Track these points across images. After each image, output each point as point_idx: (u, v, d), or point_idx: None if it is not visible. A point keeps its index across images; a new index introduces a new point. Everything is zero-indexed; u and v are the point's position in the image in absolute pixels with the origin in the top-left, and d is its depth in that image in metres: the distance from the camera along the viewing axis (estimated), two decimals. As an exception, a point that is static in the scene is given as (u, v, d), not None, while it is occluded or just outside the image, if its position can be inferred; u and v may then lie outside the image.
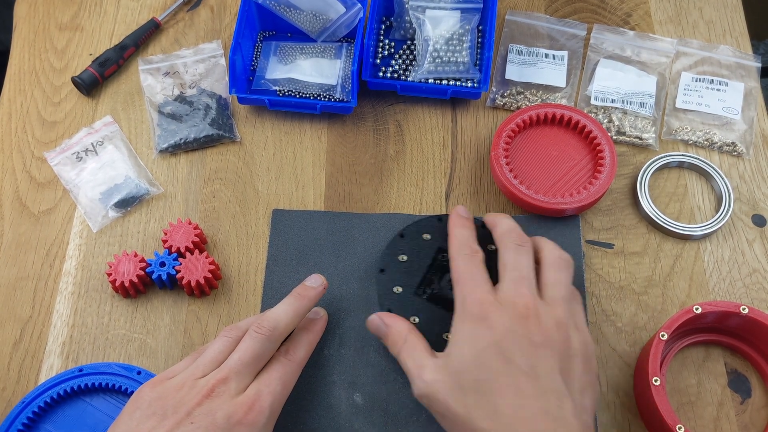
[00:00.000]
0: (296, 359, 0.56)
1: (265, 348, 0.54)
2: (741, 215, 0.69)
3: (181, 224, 0.66)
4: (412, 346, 0.54)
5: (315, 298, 0.59)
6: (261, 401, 0.51)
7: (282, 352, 0.56)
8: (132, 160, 0.73)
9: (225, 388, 0.51)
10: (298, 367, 0.56)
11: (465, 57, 0.74)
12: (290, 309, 0.57)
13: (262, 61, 0.77)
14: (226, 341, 0.55)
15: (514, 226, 0.58)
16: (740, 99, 0.74)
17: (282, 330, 0.55)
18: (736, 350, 0.62)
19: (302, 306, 0.58)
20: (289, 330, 0.56)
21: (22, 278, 0.67)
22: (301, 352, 0.57)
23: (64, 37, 0.81)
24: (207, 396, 0.50)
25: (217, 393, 0.50)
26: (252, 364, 0.53)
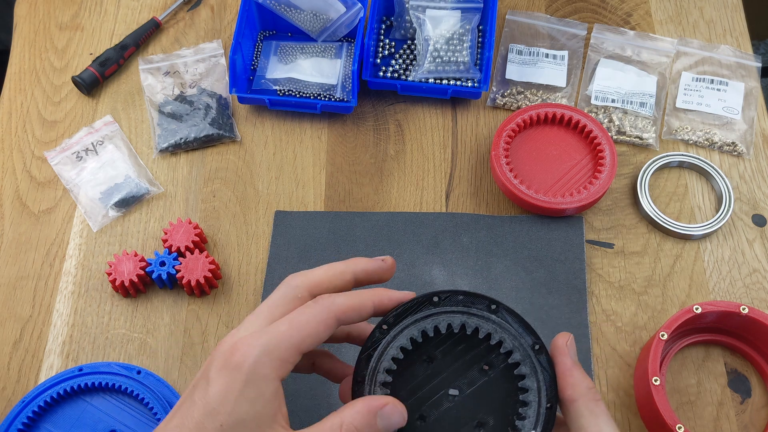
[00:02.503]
0: (323, 301, 0.44)
1: (281, 294, 0.45)
2: (741, 215, 0.69)
3: (181, 224, 0.66)
4: None
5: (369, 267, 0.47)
6: (252, 339, 0.42)
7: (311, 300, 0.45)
8: (132, 159, 0.73)
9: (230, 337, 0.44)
10: (324, 309, 0.43)
11: (465, 57, 0.74)
12: (326, 265, 0.47)
13: (262, 60, 0.77)
14: None
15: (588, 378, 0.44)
16: (740, 99, 0.74)
17: (303, 278, 0.45)
18: (736, 350, 0.62)
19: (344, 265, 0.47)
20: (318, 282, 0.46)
21: (22, 278, 0.67)
22: (336, 297, 0.44)
23: (65, 36, 0.81)
24: (212, 354, 0.44)
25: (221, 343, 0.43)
26: (266, 310, 0.44)
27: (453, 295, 0.44)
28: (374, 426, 0.42)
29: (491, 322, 0.44)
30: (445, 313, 0.44)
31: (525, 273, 0.65)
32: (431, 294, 0.45)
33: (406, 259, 0.66)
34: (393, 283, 0.65)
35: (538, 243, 0.67)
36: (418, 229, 0.68)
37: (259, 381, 0.41)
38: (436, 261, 0.66)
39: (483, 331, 0.43)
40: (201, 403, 0.41)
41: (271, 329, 0.42)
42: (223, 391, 0.41)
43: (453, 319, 0.44)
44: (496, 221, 0.68)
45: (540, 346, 0.43)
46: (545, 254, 0.66)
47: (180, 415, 0.42)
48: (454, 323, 0.44)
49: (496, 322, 0.44)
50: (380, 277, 0.48)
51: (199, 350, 0.63)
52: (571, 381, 0.43)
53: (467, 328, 0.44)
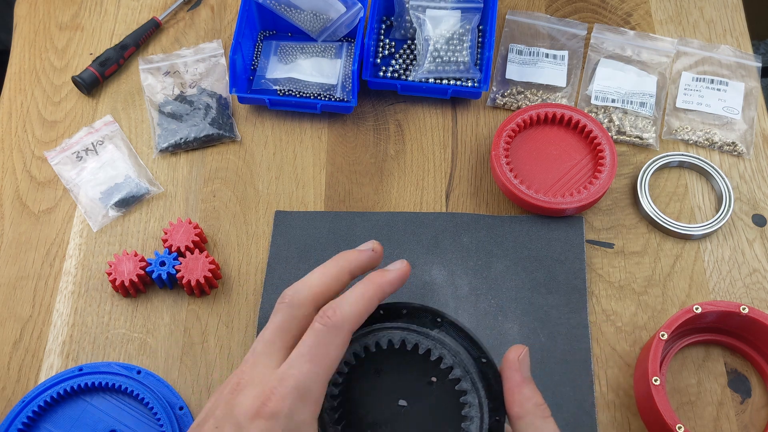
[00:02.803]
0: (333, 321, 0.42)
1: (288, 316, 0.43)
2: (741, 215, 0.69)
3: (181, 224, 0.66)
4: None
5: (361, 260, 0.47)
6: (282, 386, 0.40)
7: (317, 317, 0.43)
8: (132, 159, 0.73)
9: (249, 377, 0.42)
10: (337, 330, 0.42)
11: (465, 57, 0.74)
12: (319, 271, 0.46)
13: (262, 60, 0.77)
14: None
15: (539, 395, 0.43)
16: (740, 99, 0.74)
17: (306, 293, 0.44)
18: (736, 350, 0.62)
19: (338, 267, 0.46)
20: (319, 293, 0.45)
21: (22, 277, 0.67)
22: (343, 309, 0.43)
23: (65, 36, 0.81)
24: (233, 391, 0.42)
25: (242, 385, 0.42)
26: (277, 340, 0.43)
27: (398, 309, 0.44)
28: None
29: (430, 338, 0.43)
30: (387, 329, 0.44)
31: (525, 273, 0.66)
32: (377, 307, 0.44)
33: (406, 259, 0.66)
34: (393, 283, 0.65)
35: (538, 243, 0.67)
36: (418, 229, 0.68)
37: (298, 428, 0.40)
38: (436, 261, 0.66)
39: (422, 347, 0.43)
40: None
41: (294, 371, 0.41)
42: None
43: (393, 336, 0.43)
44: (496, 221, 0.68)
45: (487, 360, 0.43)
46: (545, 254, 0.66)
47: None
48: (394, 339, 0.43)
49: (435, 338, 0.43)
50: (372, 267, 0.48)
51: (199, 350, 0.63)
52: (519, 398, 0.42)
53: (407, 345, 0.43)
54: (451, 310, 0.64)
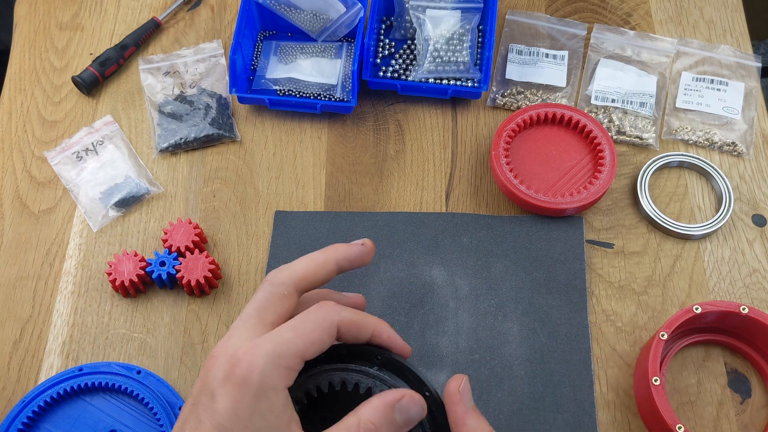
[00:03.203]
0: (328, 308, 0.43)
1: (267, 293, 0.43)
2: (741, 215, 0.69)
3: (181, 224, 0.66)
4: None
5: (350, 253, 0.47)
6: (255, 349, 0.40)
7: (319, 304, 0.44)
8: (132, 159, 0.73)
9: (222, 348, 0.41)
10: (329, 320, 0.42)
11: (465, 57, 0.74)
12: (306, 257, 0.46)
13: (262, 60, 0.77)
14: None
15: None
16: (740, 99, 0.74)
17: (288, 273, 0.44)
18: (736, 350, 0.62)
19: (325, 255, 0.46)
20: (302, 276, 0.45)
21: (22, 277, 0.67)
22: (344, 310, 0.43)
23: (65, 36, 0.81)
24: (207, 365, 0.42)
25: (214, 357, 0.41)
26: (255, 314, 0.43)
27: (337, 349, 0.43)
28: (393, 421, 0.40)
29: (371, 376, 0.43)
30: (327, 371, 0.43)
31: (525, 273, 0.65)
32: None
33: (406, 259, 0.67)
34: (393, 283, 0.65)
35: (538, 243, 0.67)
36: (418, 229, 0.68)
37: (268, 392, 0.39)
38: (436, 261, 0.66)
39: (363, 386, 0.42)
40: (209, 422, 0.39)
41: (274, 337, 0.40)
42: (233, 407, 0.39)
43: (333, 377, 0.43)
44: (496, 221, 0.68)
45: (430, 393, 0.42)
46: (545, 254, 0.66)
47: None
48: (334, 381, 0.42)
49: (374, 376, 0.43)
50: (362, 262, 0.48)
51: (199, 350, 0.63)
52: (465, 429, 0.42)
53: (348, 385, 0.42)
54: (451, 310, 0.64)
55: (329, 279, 0.46)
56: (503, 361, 0.62)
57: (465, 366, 0.61)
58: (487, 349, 0.62)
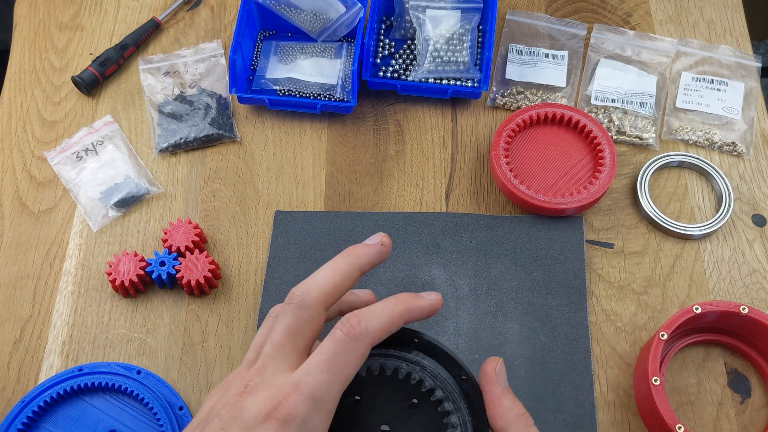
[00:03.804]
0: (356, 332, 0.41)
1: (298, 318, 0.42)
2: (741, 215, 0.69)
3: (181, 224, 0.66)
4: None
5: (371, 255, 0.46)
6: (297, 392, 0.39)
7: (340, 324, 0.42)
8: (132, 159, 0.73)
9: (260, 380, 0.41)
10: (359, 341, 0.41)
11: (465, 57, 0.74)
12: (329, 268, 0.44)
13: (262, 60, 0.77)
14: (268, 322, 0.44)
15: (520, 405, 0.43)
16: (740, 99, 0.74)
17: (316, 293, 0.43)
18: (736, 350, 0.62)
19: (348, 263, 0.45)
20: (330, 293, 0.44)
21: (22, 277, 0.67)
22: (369, 321, 0.42)
23: (65, 36, 0.81)
24: (241, 393, 0.41)
25: (251, 387, 0.40)
26: (288, 343, 0.42)
27: None
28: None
29: (409, 361, 0.43)
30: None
31: (525, 273, 0.65)
32: None
33: (406, 259, 0.66)
34: (393, 283, 0.65)
35: (538, 243, 0.67)
36: (418, 229, 0.68)
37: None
38: (436, 261, 0.66)
39: (402, 372, 0.42)
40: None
41: (311, 379, 0.40)
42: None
43: (372, 362, 0.43)
44: (496, 221, 0.68)
45: (466, 376, 0.42)
46: (545, 254, 0.66)
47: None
48: (372, 366, 0.42)
49: (413, 361, 0.43)
50: (382, 261, 0.47)
51: (199, 350, 0.63)
52: (501, 410, 0.41)
53: (387, 371, 0.42)
54: (451, 310, 0.64)
55: (352, 286, 0.45)
56: (503, 361, 0.61)
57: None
58: (487, 349, 0.62)
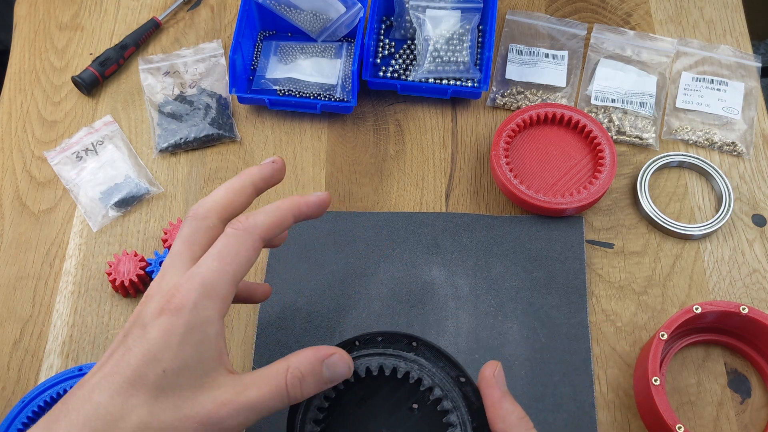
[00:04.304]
0: (244, 226, 0.43)
1: (193, 228, 0.44)
2: (741, 215, 0.69)
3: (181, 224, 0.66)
4: None
5: (264, 173, 0.48)
6: (188, 282, 0.41)
7: (229, 223, 0.44)
8: (132, 159, 0.73)
9: (158, 287, 0.42)
10: (247, 233, 0.43)
11: (465, 57, 0.74)
12: (223, 186, 0.46)
13: (262, 60, 0.77)
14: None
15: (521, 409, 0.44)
16: (740, 99, 0.74)
17: (209, 205, 0.45)
18: (736, 350, 0.62)
19: (240, 180, 0.47)
20: (224, 205, 0.45)
21: (22, 277, 0.67)
22: (256, 217, 0.44)
23: (65, 36, 0.81)
24: (142, 303, 0.42)
25: (150, 295, 0.42)
26: (185, 250, 0.43)
27: (373, 337, 0.44)
28: (319, 374, 0.41)
29: (408, 360, 0.43)
30: (364, 356, 0.44)
31: (525, 273, 0.65)
32: (353, 339, 0.44)
33: (406, 259, 0.67)
34: (393, 283, 0.65)
35: (538, 243, 0.67)
36: (418, 229, 0.68)
37: (202, 323, 0.40)
38: (436, 261, 0.66)
39: (401, 371, 0.43)
40: (138, 349, 0.39)
41: (202, 269, 0.41)
42: (164, 336, 0.39)
43: (371, 362, 0.43)
44: (496, 221, 0.68)
45: (465, 378, 0.43)
46: (545, 254, 0.66)
47: (113, 362, 0.39)
48: (372, 366, 0.43)
49: (413, 360, 0.43)
50: (277, 179, 0.48)
51: (199, 350, 0.63)
52: (501, 413, 0.42)
53: (386, 370, 0.43)
54: (451, 310, 0.64)
55: (250, 203, 0.47)
56: (503, 361, 0.61)
57: (465, 366, 0.61)
58: (487, 349, 0.62)
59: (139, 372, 0.38)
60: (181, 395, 0.39)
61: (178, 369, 0.39)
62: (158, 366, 0.38)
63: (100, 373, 0.39)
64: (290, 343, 0.62)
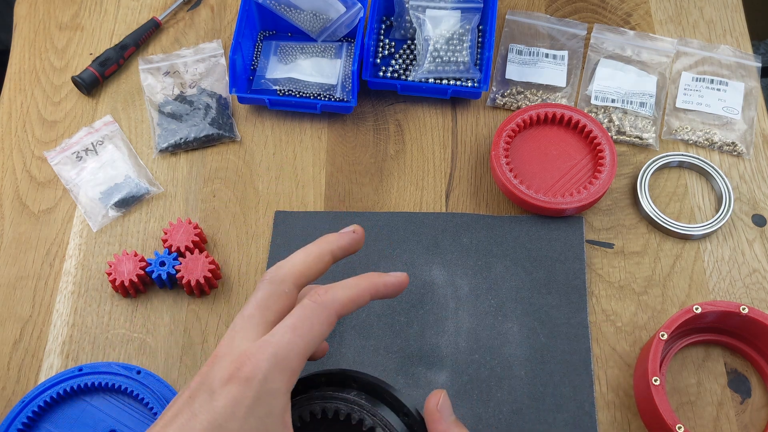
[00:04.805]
0: (323, 299, 0.43)
1: (268, 293, 0.44)
2: (741, 215, 0.69)
3: (181, 224, 0.66)
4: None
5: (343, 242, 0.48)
6: (260, 352, 0.40)
7: (308, 294, 0.44)
8: (132, 159, 0.73)
9: (227, 349, 0.41)
10: (324, 307, 0.43)
11: (465, 57, 0.74)
12: (302, 251, 0.46)
13: (262, 60, 0.77)
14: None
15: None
16: (740, 99, 0.74)
17: (287, 270, 0.45)
18: (736, 350, 0.62)
19: (320, 247, 0.47)
20: (301, 271, 0.45)
21: (22, 277, 0.67)
22: (335, 291, 0.44)
23: (65, 36, 0.81)
24: (210, 364, 0.41)
25: (218, 357, 0.41)
26: (257, 314, 0.43)
27: (315, 378, 0.44)
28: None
29: (348, 401, 0.43)
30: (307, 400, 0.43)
31: (525, 273, 0.65)
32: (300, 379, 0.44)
33: (406, 259, 0.67)
34: (393, 283, 0.65)
35: (538, 243, 0.67)
36: (418, 229, 0.68)
37: (270, 396, 0.39)
38: (436, 261, 0.66)
39: (342, 414, 0.42)
40: (205, 416, 0.38)
41: (276, 338, 0.40)
42: (232, 405, 0.38)
43: (313, 407, 0.43)
44: (496, 221, 0.68)
45: (408, 412, 0.43)
46: (545, 254, 0.66)
47: (178, 425, 0.39)
48: (314, 410, 0.43)
49: (352, 401, 0.43)
50: (355, 249, 0.49)
51: (199, 350, 0.63)
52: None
53: (327, 413, 0.43)
54: (451, 311, 0.64)
55: (325, 270, 0.47)
56: (503, 361, 0.62)
57: (465, 366, 0.61)
58: (487, 349, 0.62)
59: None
60: None
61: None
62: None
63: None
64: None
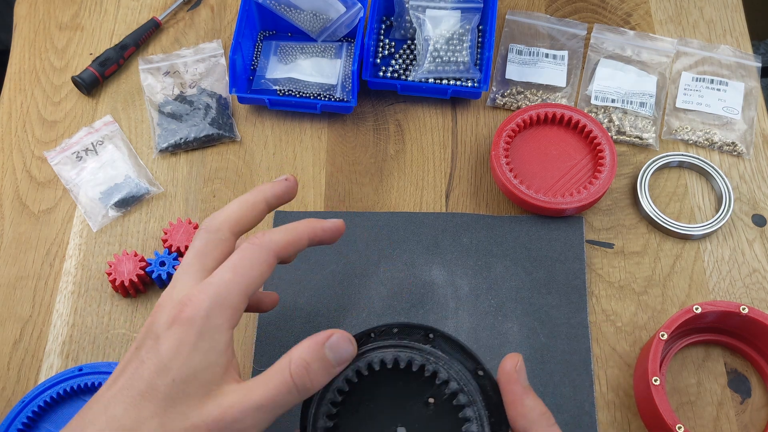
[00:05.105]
0: (259, 242, 0.44)
1: (205, 241, 0.45)
2: (741, 215, 0.69)
3: (181, 224, 0.66)
4: None
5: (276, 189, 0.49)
6: (200, 293, 0.41)
7: (246, 240, 0.45)
8: (132, 159, 0.73)
9: (168, 297, 0.42)
10: (262, 248, 0.44)
11: (465, 57, 0.74)
12: (236, 200, 0.47)
13: (262, 60, 0.77)
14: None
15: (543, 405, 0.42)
16: (740, 99, 0.74)
17: (222, 218, 0.46)
18: (736, 350, 0.62)
19: (253, 195, 0.47)
20: (236, 219, 0.46)
21: (22, 277, 0.67)
22: (271, 234, 0.45)
23: (65, 36, 0.81)
24: (154, 313, 0.42)
25: (161, 305, 0.42)
26: (196, 262, 0.44)
27: (389, 328, 0.43)
28: (324, 358, 0.41)
29: (424, 353, 0.42)
30: (378, 348, 0.43)
31: (525, 273, 0.65)
32: (369, 331, 0.44)
33: (406, 259, 0.67)
34: (393, 283, 0.65)
35: (538, 243, 0.67)
36: (418, 229, 0.68)
37: (212, 332, 0.40)
38: (436, 261, 0.66)
39: (416, 364, 0.42)
40: (151, 361, 0.40)
41: (215, 279, 0.42)
42: (176, 346, 0.40)
43: (385, 355, 0.42)
44: (496, 221, 0.68)
45: (483, 371, 0.42)
46: (545, 254, 0.66)
47: (127, 375, 0.40)
48: (386, 359, 0.42)
49: (429, 353, 0.42)
50: (290, 196, 0.49)
51: (199, 350, 0.63)
52: (522, 410, 0.40)
53: (400, 363, 0.42)
54: (451, 311, 0.64)
55: (261, 218, 0.48)
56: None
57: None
58: (487, 349, 0.62)
59: (151, 384, 0.39)
60: (189, 403, 0.39)
61: (187, 377, 0.39)
62: (168, 376, 0.39)
63: (116, 387, 0.40)
64: (290, 343, 0.62)
